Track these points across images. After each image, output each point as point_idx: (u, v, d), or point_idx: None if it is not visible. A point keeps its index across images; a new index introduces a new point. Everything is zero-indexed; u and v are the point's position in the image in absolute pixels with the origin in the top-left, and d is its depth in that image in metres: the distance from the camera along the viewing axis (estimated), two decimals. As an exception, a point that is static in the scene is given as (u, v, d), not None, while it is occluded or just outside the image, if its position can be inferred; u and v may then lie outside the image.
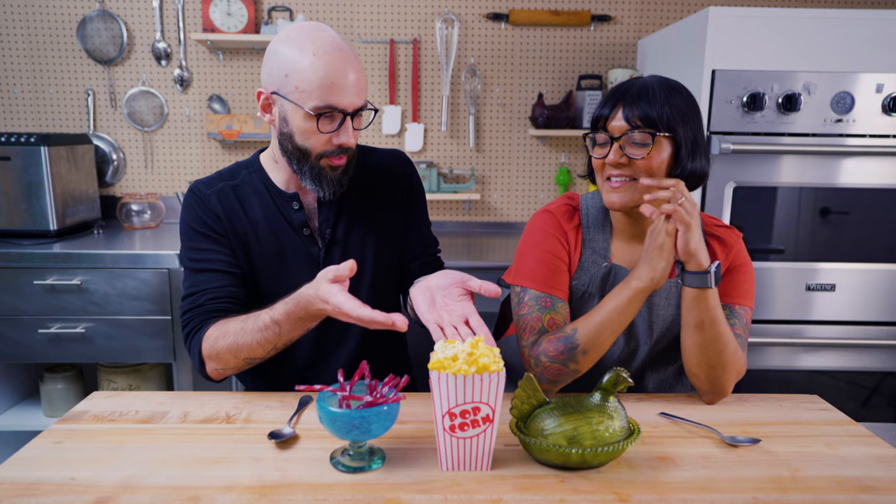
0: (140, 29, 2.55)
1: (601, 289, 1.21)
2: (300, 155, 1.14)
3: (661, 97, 1.10)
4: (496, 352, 0.87)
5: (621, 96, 1.12)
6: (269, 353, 1.10)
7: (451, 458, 0.89)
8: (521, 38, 2.62)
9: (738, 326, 1.17)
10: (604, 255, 1.22)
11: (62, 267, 2.04)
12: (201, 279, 1.18)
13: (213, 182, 1.24)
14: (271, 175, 1.24)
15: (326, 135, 1.11)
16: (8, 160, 2.16)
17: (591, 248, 1.22)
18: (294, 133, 1.12)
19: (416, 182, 1.34)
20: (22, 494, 0.82)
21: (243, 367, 1.13)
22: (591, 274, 1.21)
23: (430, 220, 1.41)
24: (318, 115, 1.09)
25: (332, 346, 1.29)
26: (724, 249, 1.21)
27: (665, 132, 1.09)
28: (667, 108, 1.09)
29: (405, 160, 1.35)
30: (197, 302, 1.17)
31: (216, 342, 1.11)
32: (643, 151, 1.09)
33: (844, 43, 1.90)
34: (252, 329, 1.08)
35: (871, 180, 1.96)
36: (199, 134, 2.64)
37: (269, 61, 1.12)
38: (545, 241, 1.22)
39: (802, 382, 2.08)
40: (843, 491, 0.86)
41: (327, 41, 1.08)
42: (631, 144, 1.10)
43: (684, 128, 1.11)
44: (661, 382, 1.27)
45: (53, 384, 2.29)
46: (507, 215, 2.75)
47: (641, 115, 1.09)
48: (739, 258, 1.23)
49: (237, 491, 0.83)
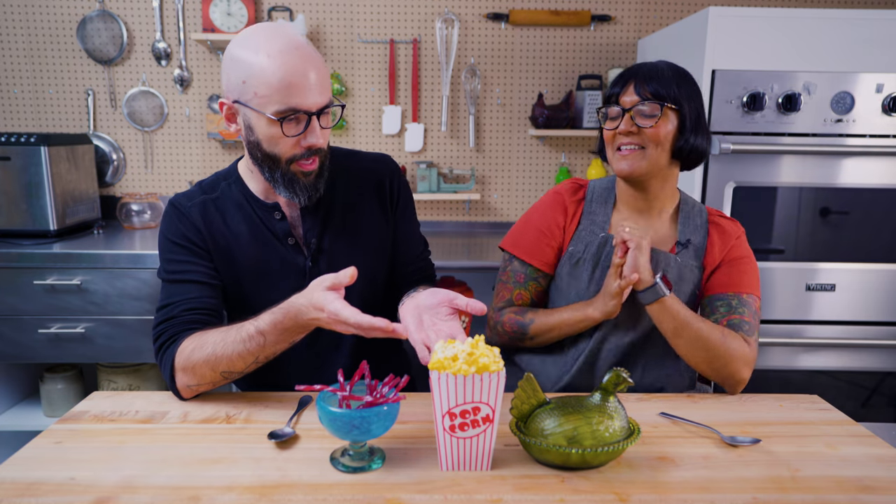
0: (140, 29, 2.55)
1: (596, 256, 1.29)
2: (270, 162, 1.10)
3: (670, 77, 1.21)
4: (496, 352, 0.87)
5: (633, 75, 1.23)
6: (248, 366, 1.06)
7: (451, 458, 0.89)
8: (521, 38, 2.62)
9: (748, 314, 1.22)
10: (602, 226, 1.31)
11: (62, 267, 2.04)
12: (177, 290, 1.14)
13: (193, 195, 1.21)
14: (250, 185, 1.21)
15: (293, 138, 1.07)
16: (8, 160, 2.16)
17: (590, 220, 1.32)
18: (261, 140, 1.08)
19: (403, 187, 1.31)
20: (22, 494, 0.82)
21: (219, 381, 1.08)
22: (587, 242, 1.30)
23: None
24: (281, 120, 1.04)
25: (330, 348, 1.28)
26: (722, 238, 1.29)
27: (672, 105, 1.20)
28: (674, 87, 1.20)
29: (391, 165, 1.31)
30: (171, 313, 1.12)
31: (192, 354, 1.06)
32: (652, 121, 1.20)
33: (844, 43, 1.90)
34: (234, 340, 1.04)
35: (871, 180, 1.96)
36: (198, 134, 2.64)
37: (226, 69, 1.07)
38: (541, 218, 1.35)
39: (802, 382, 2.08)
40: (843, 491, 0.86)
41: (282, 41, 1.03)
42: (640, 115, 1.20)
43: (689, 105, 1.21)
44: (656, 361, 1.30)
45: (53, 384, 2.29)
46: (507, 215, 2.75)
47: (652, 90, 1.20)
48: (740, 250, 1.29)
49: (237, 491, 0.83)
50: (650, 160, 1.21)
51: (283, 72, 1.02)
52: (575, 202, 1.34)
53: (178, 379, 1.09)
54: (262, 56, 1.03)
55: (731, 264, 1.27)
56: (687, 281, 1.26)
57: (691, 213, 1.31)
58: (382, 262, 1.30)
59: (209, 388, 1.10)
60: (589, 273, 1.29)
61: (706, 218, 1.31)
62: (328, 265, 1.22)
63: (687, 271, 1.26)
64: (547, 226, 1.33)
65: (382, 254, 1.30)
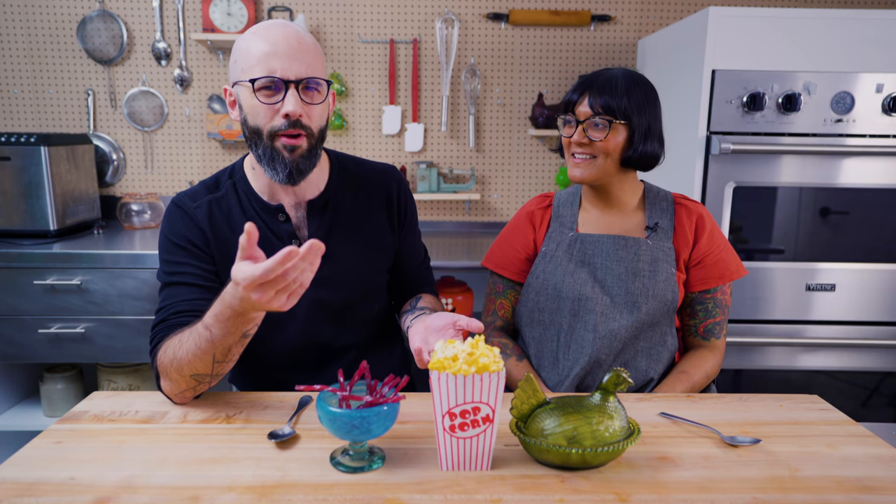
0: (140, 29, 2.55)
1: (568, 253, 1.37)
2: (256, 137, 1.10)
3: (623, 89, 1.28)
4: (496, 352, 0.87)
5: (588, 86, 1.30)
6: (211, 367, 1.01)
7: (451, 458, 0.89)
8: (521, 38, 2.62)
9: (720, 313, 1.38)
10: (570, 226, 1.40)
11: (62, 267, 2.04)
12: (171, 293, 1.13)
13: (197, 195, 1.20)
14: (254, 184, 1.21)
15: (271, 107, 1.07)
16: (8, 160, 2.16)
17: (559, 222, 1.42)
18: (247, 115, 1.10)
19: (409, 200, 1.34)
20: (22, 494, 0.82)
21: (194, 386, 1.04)
22: (558, 241, 1.39)
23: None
24: (258, 86, 1.06)
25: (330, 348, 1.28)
26: (688, 216, 1.38)
27: (621, 120, 1.27)
28: (625, 100, 1.27)
29: (398, 177, 1.33)
30: (163, 316, 1.11)
31: (163, 357, 1.04)
32: (602, 134, 1.28)
33: (844, 43, 1.90)
34: (188, 339, 1.00)
35: (871, 180, 1.96)
36: (199, 134, 2.64)
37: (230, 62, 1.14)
38: (512, 233, 1.47)
39: (802, 382, 2.08)
40: (843, 491, 0.86)
41: (274, 23, 1.09)
42: (593, 127, 1.29)
43: (639, 116, 1.28)
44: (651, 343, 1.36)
45: (53, 384, 2.29)
46: (507, 215, 2.75)
47: (603, 104, 1.27)
48: (711, 243, 1.36)
49: (237, 491, 0.83)
50: (600, 168, 1.31)
51: (265, 42, 1.07)
52: (542, 210, 1.45)
53: (163, 386, 1.08)
54: (250, 35, 1.09)
55: (708, 257, 1.36)
56: (661, 261, 1.33)
57: (656, 199, 1.40)
58: (384, 270, 1.32)
59: (193, 393, 1.06)
60: (563, 267, 1.35)
61: (672, 200, 1.40)
62: (332, 268, 1.21)
63: (659, 252, 1.34)
64: (517, 240, 1.45)
65: (385, 263, 1.31)
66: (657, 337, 1.33)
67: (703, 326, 1.38)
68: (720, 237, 1.38)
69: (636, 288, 1.31)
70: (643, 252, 1.33)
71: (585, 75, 1.35)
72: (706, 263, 1.35)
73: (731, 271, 1.36)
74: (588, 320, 1.31)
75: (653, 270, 1.32)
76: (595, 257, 1.34)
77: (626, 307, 1.31)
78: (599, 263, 1.34)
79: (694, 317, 1.39)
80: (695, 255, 1.36)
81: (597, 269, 1.34)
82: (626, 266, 1.32)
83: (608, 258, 1.33)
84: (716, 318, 1.37)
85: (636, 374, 1.32)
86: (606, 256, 1.33)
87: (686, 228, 1.36)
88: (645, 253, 1.33)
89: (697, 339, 1.39)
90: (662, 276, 1.32)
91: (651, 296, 1.31)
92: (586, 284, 1.33)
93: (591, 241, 1.35)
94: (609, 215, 1.39)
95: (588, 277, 1.33)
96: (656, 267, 1.32)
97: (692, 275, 1.36)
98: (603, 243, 1.34)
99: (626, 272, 1.32)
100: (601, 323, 1.30)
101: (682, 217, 1.37)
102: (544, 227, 1.43)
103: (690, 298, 1.38)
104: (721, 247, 1.37)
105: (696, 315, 1.38)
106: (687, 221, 1.36)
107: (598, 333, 1.30)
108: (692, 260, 1.36)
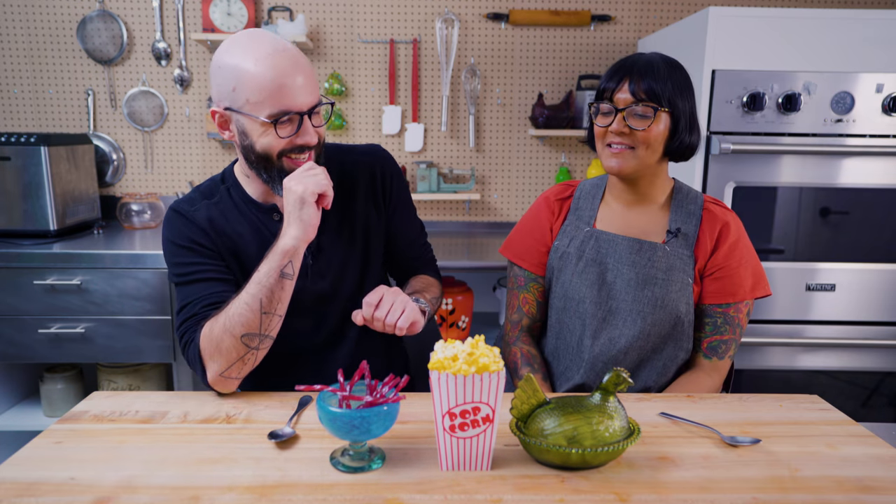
0: (140, 29, 2.55)
1: (580, 250, 1.30)
2: (265, 162, 1.11)
3: (665, 72, 1.19)
4: (496, 352, 0.87)
5: (628, 70, 1.20)
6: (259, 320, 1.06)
7: (451, 458, 0.89)
8: (521, 38, 2.62)
9: (729, 331, 1.27)
10: (587, 221, 1.33)
11: (62, 267, 2.04)
12: (193, 290, 1.15)
13: (194, 201, 1.22)
14: (247, 189, 1.23)
15: (287, 139, 1.09)
16: (8, 160, 2.16)
17: (576, 216, 1.34)
18: (254, 143, 1.10)
19: (395, 175, 1.32)
20: (22, 494, 0.82)
21: (244, 354, 1.08)
22: (572, 237, 1.32)
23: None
24: (274, 122, 1.07)
25: (331, 347, 1.28)
26: (710, 225, 1.27)
27: (666, 107, 1.18)
28: (669, 84, 1.18)
29: (381, 154, 1.32)
30: (192, 311, 1.13)
31: (211, 333, 1.07)
32: (644, 123, 1.18)
33: (844, 43, 1.90)
34: (233, 303, 1.07)
35: (871, 180, 1.96)
36: (199, 134, 2.64)
37: (214, 77, 1.09)
38: (530, 220, 1.39)
39: (802, 382, 2.08)
40: (843, 491, 0.86)
41: (267, 45, 1.06)
42: (633, 116, 1.19)
43: (682, 103, 1.20)
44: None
45: (53, 384, 2.29)
46: (507, 215, 2.75)
47: (647, 88, 1.17)
48: (734, 252, 1.26)
49: (237, 491, 0.83)
50: (640, 160, 1.21)
51: (273, 75, 1.04)
52: (560, 201, 1.37)
53: (208, 370, 1.09)
54: (249, 62, 1.05)
55: (722, 270, 1.26)
56: (677, 269, 1.25)
57: (685, 201, 1.30)
58: (377, 253, 1.32)
59: (239, 368, 1.09)
60: (573, 266, 1.30)
61: (701, 204, 1.30)
62: (328, 262, 1.23)
63: (676, 260, 1.25)
64: (535, 228, 1.37)
65: (377, 246, 1.31)
66: (668, 350, 1.27)
67: (707, 342, 1.28)
68: (744, 251, 1.27)
69: (644, 296, 1.24)
70: (658, 259, 1.25)
71: (619, 61, 1.24)
72: (719, 276, 1.26)
73: (744, 290, 1.25)
74: (588, 324, 1.27)
75: (666, 279, 1.24)
76: (608, 257, 1.27)
77: (631, 315, 1.25)
78: (611, 265, 1.27)
79: (701, 330, 1.29)
80: (710, 265, 1.26)
81: (607, 269, 1.27)
82: (637, 272, 1.25)
83: (620, 261, 1.26)
84: (723, 336, 1.27)
85: (638, 385, 1.29)
86: (619, 259, 1.26)
87: (707, 236, 1.26)
88: (660, 260, 1.25)
89: (700, 355, 1.30)
90: (676, 285, 1.24)
91: (660, 306, 1.24)
92: (594, 286, 1.27)
93: (606, 240, 1.28)
94: (631, 212, 1.30)
95: (596, 278, 1.27)
96: (670, 276, 1.24)
97: (705, 286, 1.27)
98: (618, 244, 1.27)
99: (637, 278, 1.25)
100: (601, 329, 1.27)
101: (707, 223, 1.27)
102: (561, 219, 1.36)
103: (700, 310, 1.29)
104: (740, 261, 1.26)
105: (703, 328, 1.29)
106: (710, 228, 1.27)
107: (598, 340, 1.27)
108: (707, 270, 1.27)
